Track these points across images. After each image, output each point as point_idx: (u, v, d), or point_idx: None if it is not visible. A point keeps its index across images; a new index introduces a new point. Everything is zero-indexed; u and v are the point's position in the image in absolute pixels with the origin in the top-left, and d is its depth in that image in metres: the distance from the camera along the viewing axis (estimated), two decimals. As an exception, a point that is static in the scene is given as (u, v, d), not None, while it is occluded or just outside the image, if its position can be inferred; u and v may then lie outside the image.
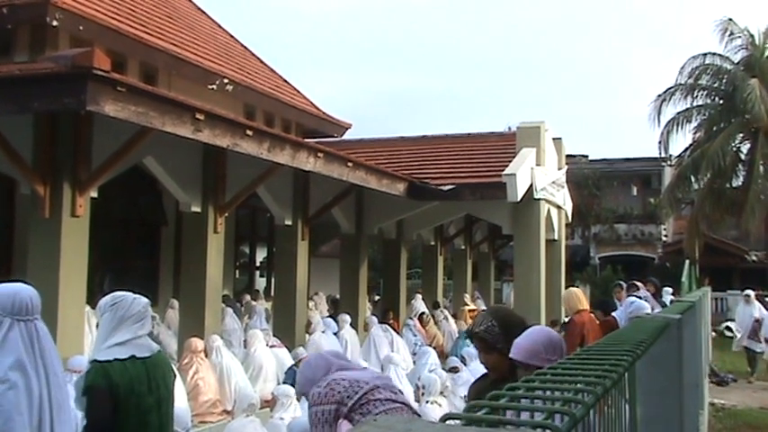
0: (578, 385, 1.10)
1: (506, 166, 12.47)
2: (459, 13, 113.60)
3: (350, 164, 10.18)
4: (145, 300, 3.86)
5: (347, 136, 17.25)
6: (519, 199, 12.14)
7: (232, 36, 15.87)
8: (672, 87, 22.02)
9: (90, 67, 5.66)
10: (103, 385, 3.42)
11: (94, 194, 7.52)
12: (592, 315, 7.27)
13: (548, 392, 1.07)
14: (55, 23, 9.64)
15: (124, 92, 6.08)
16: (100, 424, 3.41)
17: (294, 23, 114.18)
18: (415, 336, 12.20)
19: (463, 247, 18.29)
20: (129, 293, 3.78)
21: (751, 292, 15.23)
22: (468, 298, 16.74)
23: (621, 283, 12.67)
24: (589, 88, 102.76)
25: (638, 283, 12.33)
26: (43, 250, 7.18)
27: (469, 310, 15.35)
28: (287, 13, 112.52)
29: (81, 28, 9.98)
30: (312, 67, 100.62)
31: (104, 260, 10.84)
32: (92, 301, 8.65)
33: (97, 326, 5.33)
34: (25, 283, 3.43)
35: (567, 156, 17.12)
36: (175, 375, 3.97)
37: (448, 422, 0.82)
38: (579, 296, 7.44)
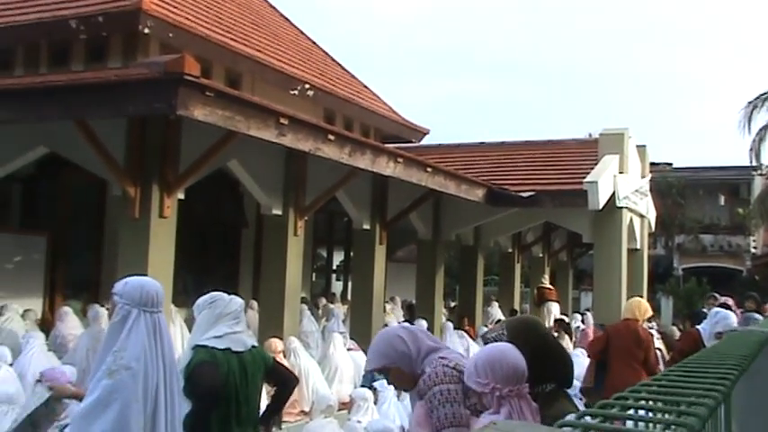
0: (690, 398, 1.07)
1: (587, 173, 12.25)
2: (539, 18, 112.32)
3: (429, 169, 10.17)
4: (240, 300, 4.03)
5: (425, 141, 17.27)
6: (600, 207, 11.90)
7: (314, 42, 16.11)
8: (764, 94, 21.17)
9: (181, 73, 5.84)
10: (211, 360, 3.58)
11: (181, 196, 7.75)
12: (632, 324, 7.06)
13: (659, 404, 1.03)
14: (146, 31, 10.00)
15: (212, 97, 6.25)
16: (209, 397, 3.54)
17: (374, 30, 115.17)
18: (492, 343, 12.06)
19: (541, 255, 18.02)
20: (225, 293, 3.94)
21: None
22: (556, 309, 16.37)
23: (715, 294, 12.22)
24: (674, 95, 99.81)
25: (726, 298, 11.87)
26: (132, 249, 7.43)
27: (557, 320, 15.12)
28: (367, 21, 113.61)
29: (171, 35, 10.32)
30: (392, 74, 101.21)
31: (187, 261, 11.14)
32: (176, 299, 8.93)
33: (190, 322, 5.48)
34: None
35: (651, 163, 16.67)
36: (267, 371, 4.06)
37: (564, 429, 0.81)
38: (632, 306, 7.34)
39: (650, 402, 1.03)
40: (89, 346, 8.33)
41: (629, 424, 1.01)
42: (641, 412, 1.05)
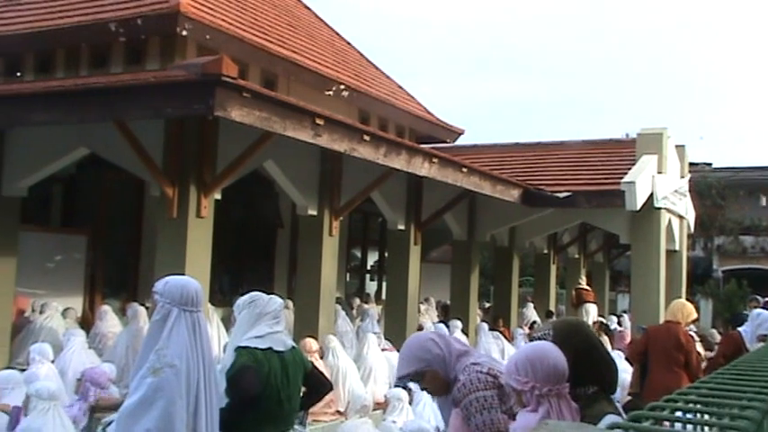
0: (742, 401, 1.04)
1: (625, 173, 12.09)
2: (576, 18, 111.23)
3: (464, 169, 10.14)
4: (280, 299, 4.06)
5: (459, 141, 17.21)
6: (638, 208, 11.74)
7: (349, 43, 16.15)
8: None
9: (219, 74, 5.89)
10: (253, 364, 3.62)
11: (218, 196, 7.82)
12: (673, 327, 6.93)
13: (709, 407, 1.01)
14: (184, 33, 10.10)
15: (249, 98, 6.30)
16: (247, 401, 3.58)
17: (410, 31, 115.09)
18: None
19: (577, 256, 17.85)
20: (264, 293, 3.99)
21: None
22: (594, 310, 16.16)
23: (758, 297, 11.97)
24: (714, 94, 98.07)
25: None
26: (170, 249, 7.51)
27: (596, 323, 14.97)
28: (401, 22, 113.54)
29: (208, 37, 10.42)
30: (425, 74, 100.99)
31: (223, 261, 11.25)
32: (212, 299, 9.02)
33: (227, 321, 5.54)
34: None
35: (690, 164, 16.39)
36: (305, 374, 4.08)
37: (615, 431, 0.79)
38: (675, 308, 7.20)
39: (699, 406, 1.01)
40: (128, 343, 8.46)
41: (678, 427, 0.99)
42: (689, 416, 1.03)
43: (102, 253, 11.65)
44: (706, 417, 1.01)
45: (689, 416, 1.01)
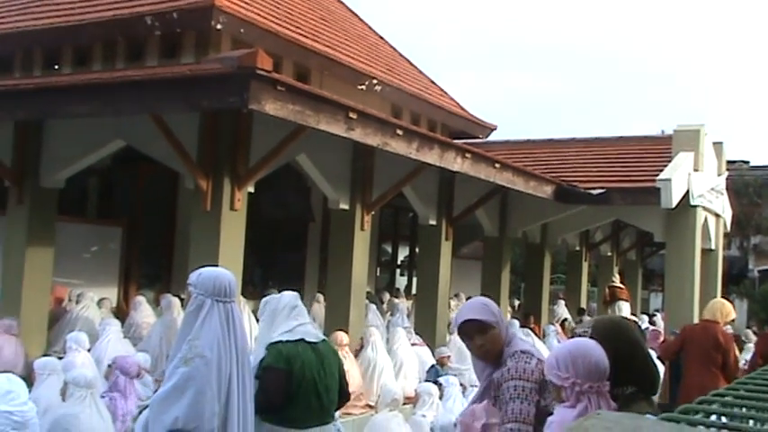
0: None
1: (660, 170, 11.93)
2: (610, 13, 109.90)
3: (497, 165, 10.08)
4: (291, 293, 4.08)
5: (492, 137, 17.11)
6: (674, 205, 11.57)
7: (381, 38, 16.14)
8: None
9: (254, 67, 5.92)
10: (281, 366, 3.63)
11: (251, 189, 7.87)
12: (711, 326, 6.81)
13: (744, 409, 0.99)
14: (219, 27, 10.17)
15: (283, 91, 6.32)
16: (273, 403, 3.60)
17: (439, 27, 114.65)
18: (559, 341, 11.90)
19: (609, 254, 17.67)
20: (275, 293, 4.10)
21: None
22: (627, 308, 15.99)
23: None
24: (753, 91, 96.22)
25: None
26: (204, 241, 7.57)
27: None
28: (431, 18, 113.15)
29: (242, 30, 10.48)
30: (458, 70, 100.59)
31: (255, 253, 11.33)
32: (244, 291, 9.09)
33: (256, 314, 5.57)
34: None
35: (728, 161, 16.11)
36: (341, 366, 4.10)
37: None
38: (714, 307, 7.11)
39: (735, 409, 0.98)
40: (162, 334, 8.56)
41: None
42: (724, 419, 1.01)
43: (137, 244, 11.81)
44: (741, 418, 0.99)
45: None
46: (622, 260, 18.51)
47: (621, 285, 15.90)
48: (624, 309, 14.97)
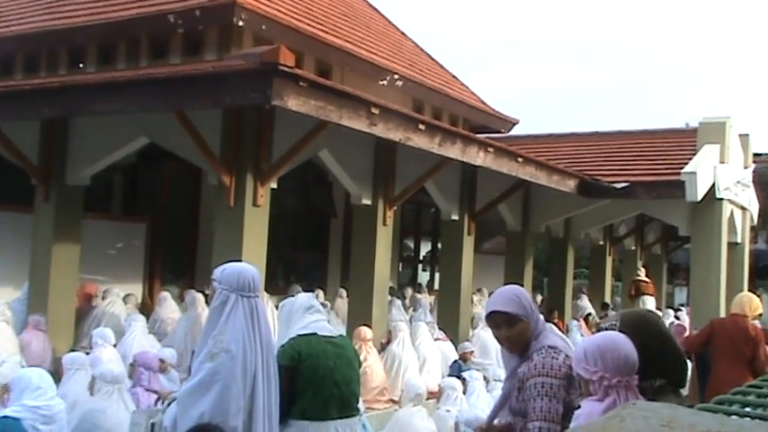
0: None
1: (685, 163, 11.80)
2: (634, 5, 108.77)
3: (520, 159, 10.03)
4: (306, 294, 4.17)
5: (514, 132, 17.05)
6: (699, 199, 11.44)
7: (403, 33, 16.11)
8: None
9: (276, 64, 5.94)
10: (285, 363, 3.65)
11: (274, 185, 7.90)
12: (740, 320, 6.72)
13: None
14: (240, 23, 10.21)
15: (306, 87, 6.33)
16: (285, 398, 3.62)
17: (460, 22, 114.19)
18: (582, 336, 11.84)
19: (633, 248, 17.53)
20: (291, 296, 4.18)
21: None
22: (652, 303, 15.86)
23: None
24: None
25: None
26: (227, 237, 7.61)
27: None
28: (453, 12, 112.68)
29: (263, 27, 10.51)
30: (480, 64, 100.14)
31: (277, 249, 11.39)
32: (267, 287, 9.13)
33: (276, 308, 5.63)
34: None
35: (754, 154, 15.89)
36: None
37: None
38: (742, 300, 7.04)
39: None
40: (187, 329, 8.63)
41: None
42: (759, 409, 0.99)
43: (161, 241, 11.90)
44: None
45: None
46: (647, 254, 18.36)
47: (647, 279, 15.78)
48: (649, 303, 14.85)
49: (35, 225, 9.05)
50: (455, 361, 8.97)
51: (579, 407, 2.48)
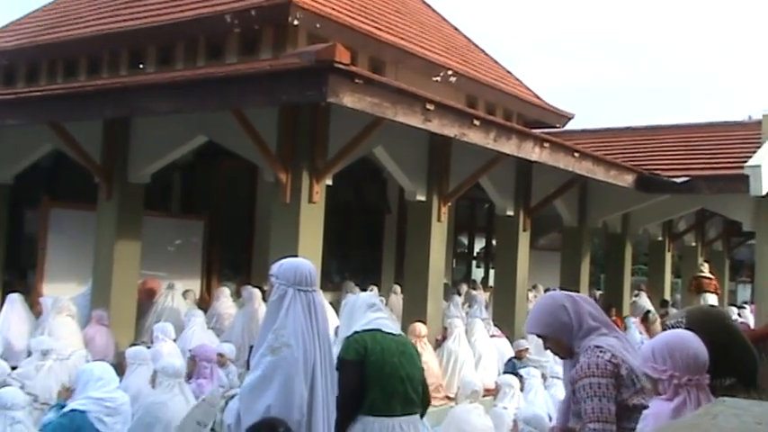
0: None
1: (749, 157, 11.45)
2: (687, 2, 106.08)
3: (576, 154, 9.89)
4: (367, 293, 4.20)
5: (569, 126, 16.81)
6: (764, 193, 11.11)
7: (456, 29, 16.04)
8: None
9: (332, 61, 5.97)
10: (353, 358, 3.67)
11: (329, 182, 7.95)
12: None
13: None
14: (295, 22, 10.31)
15: (361, 84, 6.36)
16: (348, 394, 3.64)
17: (515, 15, 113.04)
18: (641, 334, 11.60)
19: (694, 244, 17.11)
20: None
21: None
22: (713, 301, 15.45)
23: None
24: None
25: None
26: (283, 233, 7.69)
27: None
28: (507, 6, 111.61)
29: (318, 26, 10.60)
30: (534, 58, 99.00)
31: (332, 246, 11.46)
32: (321, 284, 9.19)
33: (335, 305, 5.68)
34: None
35: (822, 146, 15.34)
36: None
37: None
38: None
39: None
40: (244, 324, 8.76)
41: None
42: None
43: (219, 237, 12.10)
44: None
45: None
46: (708, 250, 17.90)
47: (710, 276, 15.34)
48: (710, 301, 14.48)
49: (98, 223, 9.29)
50: (510, 359, 8.89)
51: (633, 406, 2.44)
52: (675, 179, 11.73)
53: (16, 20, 14.57)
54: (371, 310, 3.99)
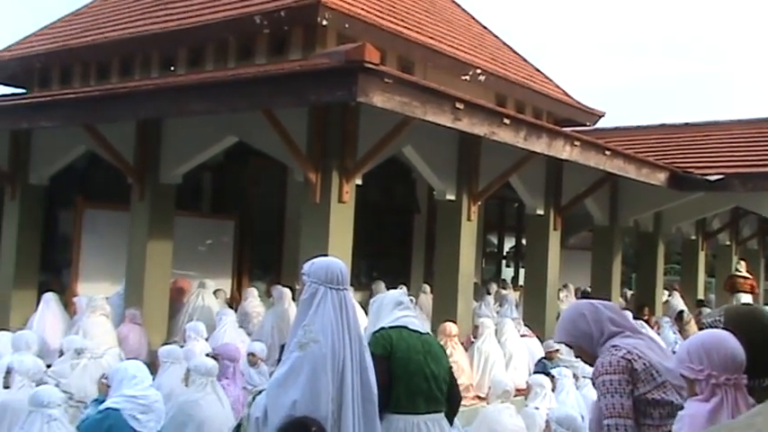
0: None
1: (786, 153, 11.27)
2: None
3: (607, 152, 9.79)
4: (396, 291, 4.22)
5: (600, 124, 16.66)
6: (800, 190, 10.92)
7: (485, 27, 15.96)
8: None
9: (361, 61, 5.98)
10: (381, 353, 3.68)
11: (359, 182, 7.97)
12: None
13: None
14: (324, 23, 10.33)
15: (390, 83, 6.35)
16: (379, 388, 3.65)
17: (544, 13, 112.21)
18: (675, 333, 11.46)
19: (728, 243, 16.85)
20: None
21: None
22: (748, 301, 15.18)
23: None
24: None
25: None
26: (313, 233, 7.72)
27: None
28: (536, 4, 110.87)
29: (347, 26, 10.61)
30: (564, 56, 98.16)
31: (361, 245, 11.47)
32: (352, 283, 9.20)
33: (364, 305, 5.69)
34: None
35: None
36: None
37: None
38: None
39: None
40: (274, 323, 8.81)
41: None
42: None
43: (249, 237, 12.18)
44: None
45: None
46: (742, 249, 17.63)
47: (747, 275, 15.05)
48: (745, 301, 14.24)
49: (131, 223, 9.41)
50: (540, 359, 8.83)
51: (653, 401, 2.43)
52: (709, 177, 11.55)
53: (49, 24, 14.79)
54: (399, 308, 4.01)
